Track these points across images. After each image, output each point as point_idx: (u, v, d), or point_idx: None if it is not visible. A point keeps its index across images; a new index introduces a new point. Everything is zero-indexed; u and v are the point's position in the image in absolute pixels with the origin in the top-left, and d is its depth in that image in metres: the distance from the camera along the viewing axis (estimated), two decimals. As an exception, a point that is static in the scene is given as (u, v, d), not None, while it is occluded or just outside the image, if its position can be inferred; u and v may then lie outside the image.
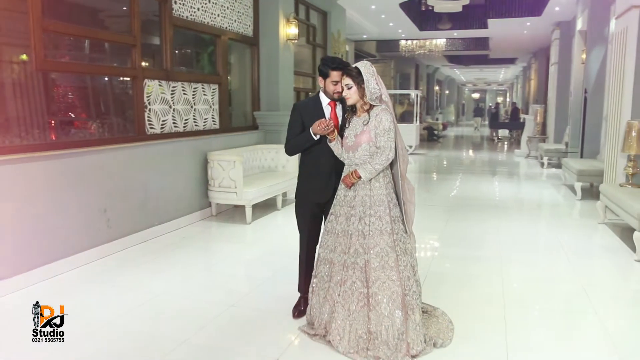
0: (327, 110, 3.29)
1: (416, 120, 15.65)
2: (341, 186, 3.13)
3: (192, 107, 6.19)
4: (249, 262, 4.82)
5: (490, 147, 18.33)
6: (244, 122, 7.71)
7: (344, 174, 3.15)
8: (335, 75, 3.16)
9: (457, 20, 13.22)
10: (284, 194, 7.12)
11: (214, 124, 6.68)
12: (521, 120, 20.78)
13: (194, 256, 4.93)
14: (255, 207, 6.22)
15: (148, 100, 5.41)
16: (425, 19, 14.15)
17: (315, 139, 3.19)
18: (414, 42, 18.14)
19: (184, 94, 6.02)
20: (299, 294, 3.55)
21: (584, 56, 10.19)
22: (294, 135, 3.31)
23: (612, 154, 6.64)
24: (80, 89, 5.21)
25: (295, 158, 7.38)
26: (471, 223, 6.29)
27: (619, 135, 6.36)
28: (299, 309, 3.45)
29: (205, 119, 6.46)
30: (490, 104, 43.55)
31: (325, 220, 3.35)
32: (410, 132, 14.49)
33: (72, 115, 5.15)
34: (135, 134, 5.26)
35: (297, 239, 5.29)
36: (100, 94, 5.38)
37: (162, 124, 5.64)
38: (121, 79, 5.39)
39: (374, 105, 3.06)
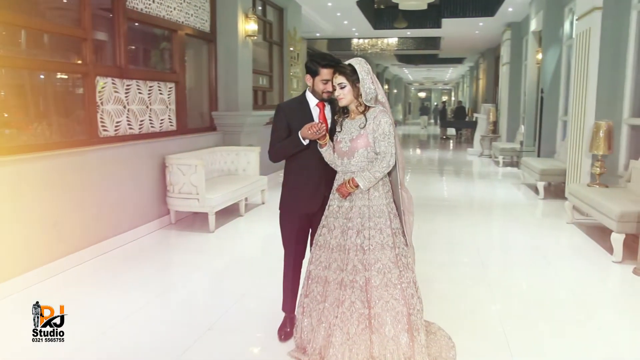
0: (315, 111, 2.99)
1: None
2: (335, 196, 2.84)
3: (147, 107, 5.71)
4: (218, 276, 4.42)
5: (442, 145, 18.53)
6: (201, 122, 7.27)
7: (336, 182, 2.86)
8: (325, 73, 2.86)
9: (412, 19, 13.17)
10: (246, 199, 6.75)
11: (171, 125, 6.22)
12: (468, 119, 21.24)
13: (157, 271, 4.50)
14: (216, 213, 5.82)
15: (100, 99, 4.92)
16: (380, 18, 14.04)
17: (305, 144, 2.88)
18: (366, 40, 18.08)
19: (139, 93, 5.54)
20: (283, 313, 3.23)
21: (538, 56, 10.34)
22: (279, 139, 2.98)
23: (575, 154, 6.68)
24: (22, 86, 4.64)
25: (256, 160, 7.04)
26: (442, 225, 6.15)
27: (583, 135, 6.39)
28: (285, 330, 3.13)
29: (161, 120, 6.00)
30: (436, 103, 44.47)
31: (312, 232, 3.05)
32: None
33: (14, 117, 4.58)
34: (87, 137, 4.75)
35: (268, 248, 4.95)
36: (47, 93, 4.81)
37: (116, 126, 5.15)
38: (70, 76, 4.84)
39: (369, 107, 2.79)
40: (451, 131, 22.30)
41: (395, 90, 37.65)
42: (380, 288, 2.63)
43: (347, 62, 2.80)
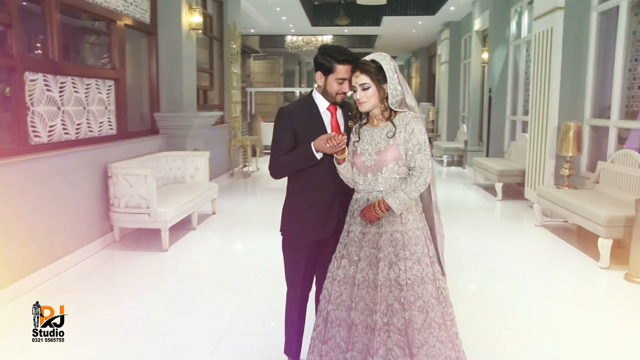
0: (325, 116, 2.48)
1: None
2: (356, 220, 2.34)
3: (84, 108, 4.92)
4: (187, 308, 3.73)
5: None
6: (142, 125, 6.49)
7: (355, 203, 2.37)
8: (342, 70, 2.36)
9: (353, 16, 12.88)
10: (197, 209, 6.09)
11: (111, 129, 5.44)
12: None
13: (108, 306, 3.74)
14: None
15: (31, 99, 4.11)
16: (319, 14, 13.64)
17: (318, 158, 2.37)
18: (301, 38, 17.66)
19: (75, 92, 4.75)
20: (283, 357, 2.70)
21: (483, 56, 10.37)
22: (284, 151, 2.44)
23: (536, 155, 6.60)
24: None
25: (205, 166, 6.40)
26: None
27: (546, 136, 6.31)
28: (291, 380, 2.62)
29: (100, 122, 5.21)
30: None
31: (322, 261, 2.54)
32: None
33: None
34: (15, 145, 3.94)
35: (233, 266, 4.40)
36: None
37: (49, 131, 4.35)
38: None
39: (396, 112, 2.33)
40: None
41: (323, 89, 37.61)
42: (424, 330, 2.18)
43: (368, 58, 2.32)
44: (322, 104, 2.47)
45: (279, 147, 2.45)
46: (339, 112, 2.51)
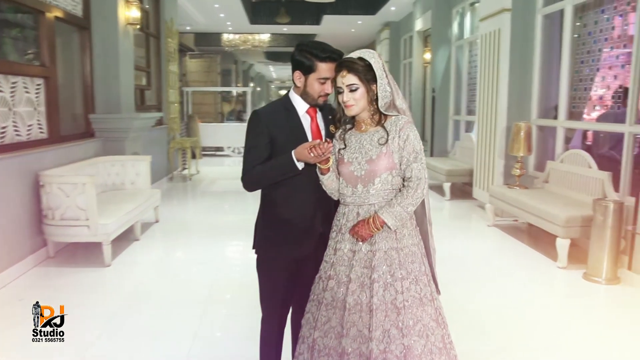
0: (305, 120, 2.24)
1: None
2: (344, 237, 2.12)
3: (10, 109, 4.39)
4: (139, 333, 3.32)
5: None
6: (75, 128, 5.94)
7: (342, 217, 2.14)
8: (325, 69, 2.12)
9: (293, 14, 12.63)
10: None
11: (41, 132, 4.91)
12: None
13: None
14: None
15: (-53, 101, 3.59)
16: (258, 12, 13.29)
17: (300, 168, 2.12)
18: (237, 36, 17.20)
19: (0, 91, 4.22)
20: (259, 388, 2.44)
21: (425, 56, 10.44)
22: (259, 159, 2.17)
23: (485, 155, 6.66)
24: None
25: (147, 171, 5.97)
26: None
27: (495, 136, 6.37)
28: (270, 415, 2.35)
29: (29, 125, 4.69)
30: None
31: (302, 281, 2.30)
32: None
33: None
34: None
35: (185, 278, 4.14)
36: None
37: (-30, 137, 3.83)
38: None
39: (386, 115, 2.12)
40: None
41: (259, 89, 37.12)
42: (424, 357, 1.99)
43: (354, 55, 2.11)
44: (300, 106, 2.23)
45: (253, 155, 2.18)
46: (319, 115, 2.28)
